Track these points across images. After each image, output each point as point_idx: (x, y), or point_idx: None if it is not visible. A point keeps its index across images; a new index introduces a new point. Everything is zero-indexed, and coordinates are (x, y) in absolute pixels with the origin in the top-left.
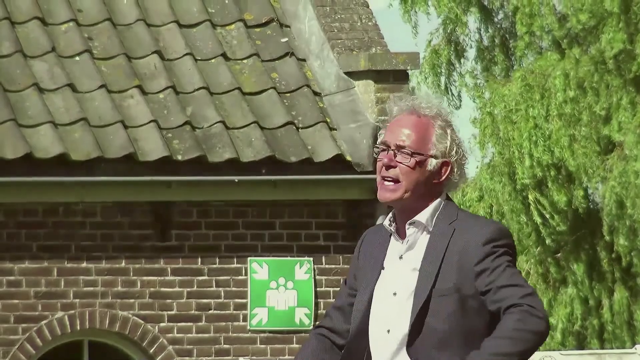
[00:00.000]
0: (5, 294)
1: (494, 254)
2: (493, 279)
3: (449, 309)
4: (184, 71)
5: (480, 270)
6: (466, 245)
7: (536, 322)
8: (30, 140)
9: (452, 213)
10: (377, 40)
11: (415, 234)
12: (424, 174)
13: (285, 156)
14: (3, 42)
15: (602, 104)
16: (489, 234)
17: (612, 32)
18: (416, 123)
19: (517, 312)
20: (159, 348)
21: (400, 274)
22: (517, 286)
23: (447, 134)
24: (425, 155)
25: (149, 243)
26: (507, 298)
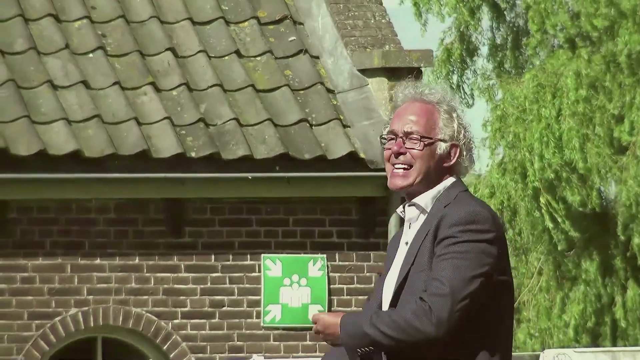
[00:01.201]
0: (19, 290)
1: (454, 238)
2: (434, 265)
3: (421, 284)
4: (197, 68)
5: (437, 253)
6: (439, 223)
7: (426, 324)
8: (43, 137)
9: (451, 195)
10: (391, 37)
11: (417, 216)
12: (434, 158)
13: (298, 153)
14: (17, 39)
15: (615, 103)
16: (459, 217)
17: (628, 33)
18: (421, 109)
19: (417, 307)
20: (172, 345)
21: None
22: (438, 282)
23: (453, 117)
24: (434, 139)
25: (163, 240)
26: (425, 290)
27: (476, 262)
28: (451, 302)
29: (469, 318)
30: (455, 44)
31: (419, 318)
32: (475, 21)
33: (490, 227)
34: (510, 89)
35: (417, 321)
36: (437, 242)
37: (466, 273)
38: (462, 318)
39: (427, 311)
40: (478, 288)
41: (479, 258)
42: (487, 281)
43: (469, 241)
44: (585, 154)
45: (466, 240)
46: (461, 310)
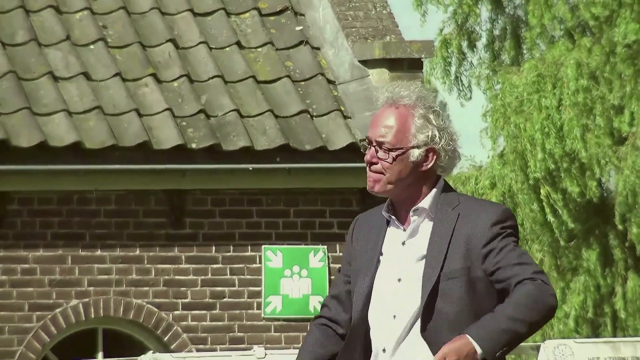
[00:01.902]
0: (20, 282)
1: (501, 234)
2: (501, 258)
3: (458, 292)
4: (198, 59)
5: (488, 251)
6: (474, 228)
7: (549, 297)
8: (44, 128)
9: (454, 198)
10: (392, 28)
11: (417, 220)
12: (408, 166)
13: (299, 144)
14: (18, 31)
15: (615, 94)
16: (495, 216)
17: (625, 23)
18: (395, 116)
19: (531, 284)
20: (173, 336)
21: (404, 260)
22: (528, 264)
23: (428, 121)
24: (405, 148)
25: (163, 231)
26: (519, 274)
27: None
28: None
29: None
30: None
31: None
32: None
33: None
34: (509, 79)
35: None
36: (486, 243)
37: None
38: None
39: (542, 286)
40: None
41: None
42: None
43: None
44: (585, 144)
45: (512, 233)
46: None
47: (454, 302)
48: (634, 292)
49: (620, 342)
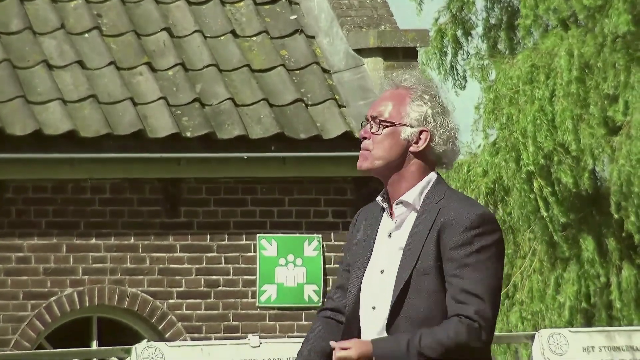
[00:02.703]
0: (15, 270)
1: (471, 245)
2: (459, 274)
3: (430, 288)
4: (193, 48)
5: (452, 257)
6: (447, 226)
7: (477, 342)
8: (39, 116)
9: (440, 191)
10: (387, 17)
11: (404, 213)
12: (398, 143)
13: (294, 133)
14: (12, 19)
15: (609, 83)
16: (470, 220)
17: (617, 14)
18: (392, 95)
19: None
20: (168, 324)
21: (388, 252)
22: (476, 297)
23: (424, 102)
24: (398, 124)
25: (158, 220)
26: (465, 306)
27: (497, 266)
28: (493, 316)
29: None
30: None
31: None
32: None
33: (497, 226)
34: (504, 69)
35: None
36: (453, 247)
37: (495, 282)
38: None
39: (477, 329)
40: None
41: (497, 260)
42: (502, 280)
43: (487, 246)
44: (578, 135)
45: (484, 246)
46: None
47: (424, 297)
48: (628, 282)
49: (615, 331)
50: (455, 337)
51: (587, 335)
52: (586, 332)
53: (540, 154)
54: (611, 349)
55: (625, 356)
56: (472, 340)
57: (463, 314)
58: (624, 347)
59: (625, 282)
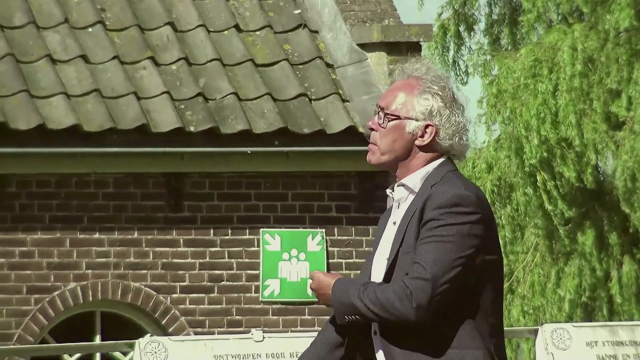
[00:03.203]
0: (18, 264)
1: (437, 221)
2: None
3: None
4: (196, 43)
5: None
6: (424, 205)
7: (406, 307)
8: (42, 111)
9: (439, 175)
10: (390, 12)
11: (405, 197)
12: (402, 137)
13: (297, 128)
14: (16, 14)
15: (612, 78)
16: (443, 199)
17: (620, 9)
18: (401, 85)
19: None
20: (171, 319)
21: (391, 239)
22: (421, 266)
23: (432, 95)
24: (402, 117)
25: (162, 214)
26: (409, 273)
27: (459, 245)
28: (432, 287)
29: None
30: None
31: (400, 300)
32: None
33: (474, 209)
34: (506, 63)
35: (398, 302)
36: (422, 224)
37: (448, 257)
38: (443, 302)
39: (408, 295)
40: (460, 271)
41: (462, 241)
42: (471, 263)
43: (453, 224)
44: (581, 129)
45: (450, 224)
46: (441, 294)
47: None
48: (629, 276)
49: (618, 326)
50: (387, 295)
51: (590, 330)
52: (589, 327)
53: (543, 148)
54: (614, 343)
55: (629, 351)
56: (402, 304)
57: (403, 280)
58: (627, 341)
59: (626, 276)
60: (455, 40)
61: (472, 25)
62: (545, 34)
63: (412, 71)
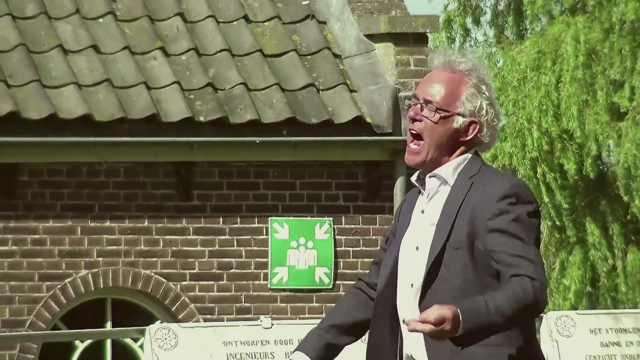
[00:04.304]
0: (30, 252)
1: (508, 212)
2: (506, 242)
3: (462, 262)
4: (206, 33)
5: (494, 228)
6: (481, 198)
7: (542, 302)
8: (54, 101)
9: (475, 167)
10: (397, 3)
11: (437, 187)
12: (449, 131)
13: (305, 118)
14: (28, 4)
15: (615, 69)
16: (504, 189)
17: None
18: (448, 79)
19: (530, 284)
20: (181, 306)
21: (421, 228)
22: (530, 260)
23: (479, 92)
24: (452, 113)
25: (172, 203)
26: (521, 267)
27: (536, 234)
28: (543, 274)
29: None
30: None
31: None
32: None
33: (530, 197)
34: (511, 55)
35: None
36: (490, 217)
37: (537, 248)
38: None
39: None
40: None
41: (535, 229)
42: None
43: (523, 214)
44: (583, 121)
45: (521, 214)
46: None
47: (457, 272)
48: (633, 265)
49: (622, 313)
50: (524, 294)
51: (594, 317)
52: (593, 315)
53: (545, 140)
54: (618, 330)
55: (632, 338)
56: (539, 297)
57: (523, 274)
58: (631, 329)
59: (631, 265)
60: (462, 32)
61: (478, 17)
62: (548, 25)
63: (457, 64)
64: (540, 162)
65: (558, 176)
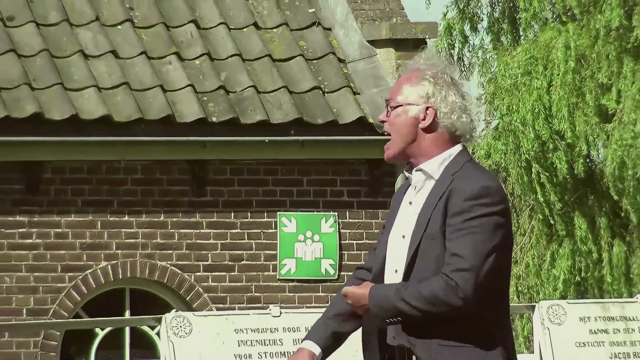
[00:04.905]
0: (53, 245)
1: (469, 213)
2: (453, 239)
3: (435, 252)
4: (218, 39)
5: (450, 223)
6: (452, 194)
7: (454, 299)
8: (75, 103)
9: (459, 164)
10: (398, 10)
11: (423, 181)
12: (407, 121)
13: (312, 118)
14: (51, 12)
15: (603, 73)
16: (474, 190)
17: (611, 9)
18: (403, 78)
19: (443, 282)
20: (195, 295)
21: (407, 218)
22: (461, 258)
23: (427, 80)
24: (404, 104)
25: (186, 198)
26: (448, 265)
27: (491, 235)
28: (474, 277)
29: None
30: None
31: (446, 293)
32: None
33: (500, 199)
34: (505, 61)
35: (445, 296)
36: (452, 214)
37: (485, 248)
38: (484, 289)
39: (454, 287)
40: (495, 259)
41: (493, 231)
42: (502, 251)
43: (484, 215)
44: (574, 122)
45: (481, 215)
46: (483, 283)
47: (431, 261)
48: (619, 258)
49: (610, 303)
50: (432, 290)
51: (584, 306)
52: (583, 304)
53: (538, 142)
54: (606, 319)
55: (619, 325)
56: (448, 296)
57: (444, 272)
58: (618, 317)
59: (616, 258)
60: (460, 38)
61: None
62: (540, 32)
63: (413, 64)
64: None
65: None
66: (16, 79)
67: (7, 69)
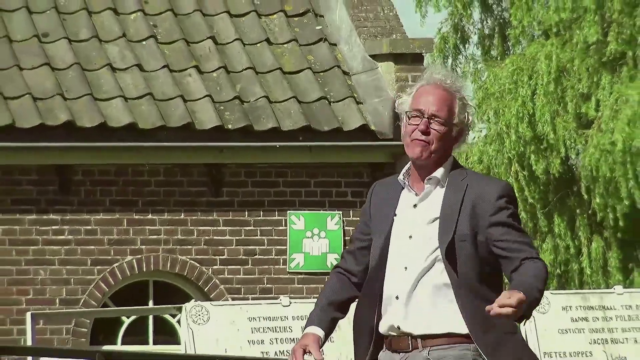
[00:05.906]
0: (83, 241)
1: (506, 209)
2: (508, 232)
3: (467, 252)
4: (234, 54)
5: (496, 222)
6: (480, 197)
7: (548, 274)
8: (104, 111)
9: (462, 171)
10: (397, 28)
11: (431, 188)
12: (449, 140)
13: (319, 126)
14: (82, 29)
15: (583, 84)
16: (500, 190)
17: (589, 26)
18: (445, 97)
19: (540, 263)
20: (212, 287)
21: (415, 221)
22: (529, 245)
23: (467, 106)
24: (451, 125)
25: (204, 199)
26: (526, 252)
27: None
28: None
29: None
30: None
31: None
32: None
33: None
34: (493, 71)
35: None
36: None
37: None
38: None
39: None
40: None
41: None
42: None
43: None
44: (555, 127)
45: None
46: None
47: (464, 260)
48: (597, 252)
49: (589, 293)
50: (542, 272)
51: (565, 296)
52: (564, 294)
53: (520, 143)
54: (586, 308)
55: (598, 314)
56: (547, 273)
57: (531, 257)
58: (597, 306)
59: (595, 252)
60: (453, 51)
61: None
62: (527, 46)
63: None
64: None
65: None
66: (50, 90)
67: (42, 81)
